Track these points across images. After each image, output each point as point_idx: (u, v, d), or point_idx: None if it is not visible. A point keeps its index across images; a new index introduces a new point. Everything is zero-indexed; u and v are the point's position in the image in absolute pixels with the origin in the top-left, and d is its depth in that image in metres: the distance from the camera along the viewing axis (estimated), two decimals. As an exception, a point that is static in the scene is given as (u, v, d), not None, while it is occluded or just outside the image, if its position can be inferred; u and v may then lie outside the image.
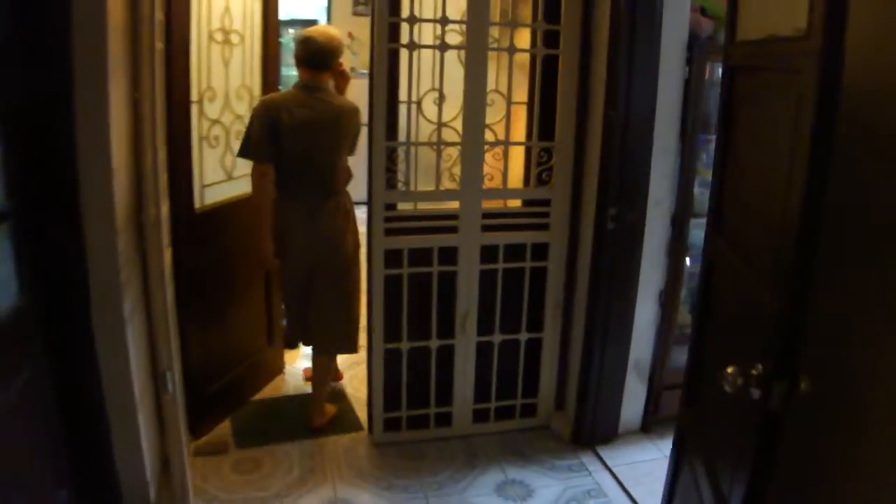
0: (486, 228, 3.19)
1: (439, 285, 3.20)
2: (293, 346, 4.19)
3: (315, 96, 3.19)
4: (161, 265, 2.51)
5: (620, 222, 3.11)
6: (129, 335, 2.42)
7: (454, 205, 3.15)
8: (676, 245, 3.31)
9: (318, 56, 3.19)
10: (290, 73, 3.94)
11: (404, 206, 3.13)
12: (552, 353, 3.46)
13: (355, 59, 8.84)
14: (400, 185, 3.06)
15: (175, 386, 2.61)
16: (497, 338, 3.35)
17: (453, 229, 3.15)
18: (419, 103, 3.00)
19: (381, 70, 2.90)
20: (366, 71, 8.62)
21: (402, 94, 3.01)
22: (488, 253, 3.23)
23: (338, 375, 3.92)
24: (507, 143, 3.16)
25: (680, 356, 3.47)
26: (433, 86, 2.99)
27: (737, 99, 2.12)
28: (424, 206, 3.18)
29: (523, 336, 3.40)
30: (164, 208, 2.60)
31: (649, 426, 3.55)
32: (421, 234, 3.13)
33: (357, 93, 3.74)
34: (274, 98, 3.26)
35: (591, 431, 3.40)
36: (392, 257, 3.10)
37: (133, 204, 2.48)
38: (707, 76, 3.17)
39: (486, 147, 3.10)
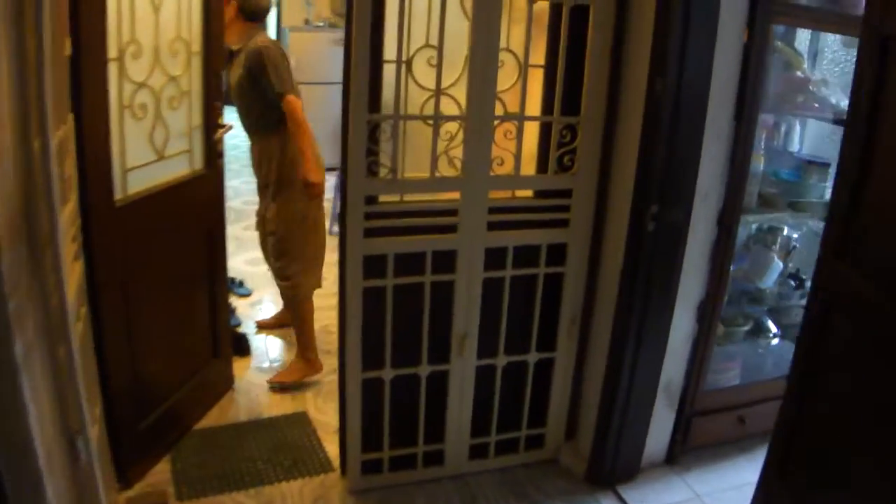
0: (492, 226, 2.52)
1: (433, 298, 2.53)
2: (245, 352, 3.54)
3: None
4: (63, 290, 1.78)
5: (663, 222, 2.48)
6: (25, 385, 1.71)
7: (453, 195, 2.47)
8: (722, 248, 2.69)
9: None
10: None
11: (387, 199, 2.44)
12: (565, 376, 2.84)
13: (310, 10, 8.01)
14: (384, 171, 2.36)
15: (91, 452, 1.91)
16: (501, 360, 2.71)
17: (451, 228, 2.47)
18: (409, 64, 2.29)
19: (362, 19, 2.17)
20: (322, 24, 7.99)
21: (388, 53, 2.29)
22: (494, 257, 2.57)
23: (316, 365, 3.42)
24: (522, 118, 2.48)
25: (715, 376, 2.91)
26: (427, 41, 2.29)
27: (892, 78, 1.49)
28: (413, 199, 2.49)
29: (532, 357, 2.76)
30: (70, 206, 1.88)
31: (675, 457, 2.98)
32: (410, 234, 2.44)
33: (316, 47, 3.23)
34: None
35: (612, 467, 2.81)
36: (373, 265, 2.42)
37: (22, 207, 1.74)
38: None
39: (495, 122, 2.42)
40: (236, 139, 4.03)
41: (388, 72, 2.31)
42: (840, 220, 1.70)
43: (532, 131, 2.58)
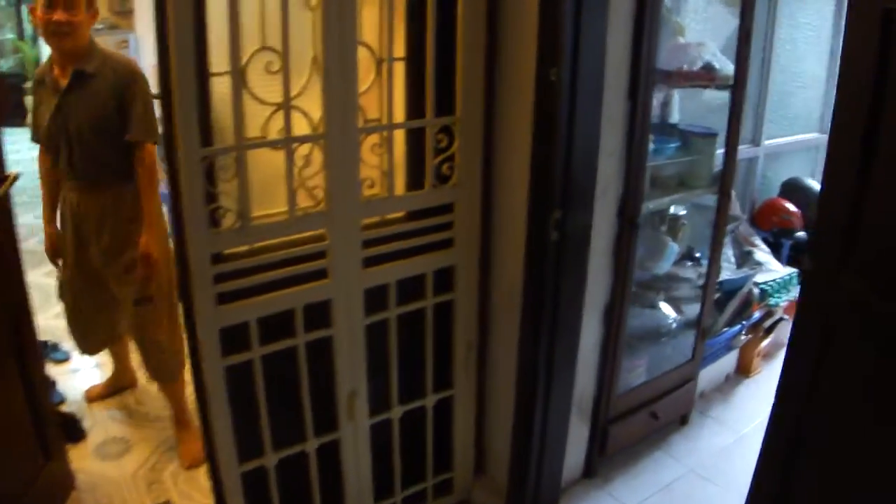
0: (369, 262, 2.06)
1: (310, 360, 2.04)
2: (79, 435, 2.87)
3: None
4: None
5: (567, 229, 2.13)
6: None
7: (318, 232, 1.97)
8: (625, 244, 2.40)
9: None
10: None
11: (238, 251, 1.90)
12: (467, 412, 2.47)
13: None
14: (230, 218, 1.82)
15: None
16: (396, 412, 2.29)
17: (321, 273, 1.99)
18: (242, 73, 1.75)
19: (182, 20, 1.61)
20: (100, 26, 6.83)
21: (216, 62, 1.74)
22: (375, 297, 2.12)
23: None
24: (392, 126, 2.02)
25: (625, 377, 2.65)
26: (263, 42, 1.76)
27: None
28: (271, 243, 1.95)
29: (430, 400, 2.36)
30: None
31: (595, 470, 2.72)
32: (273, 290, 1.92)
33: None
34: None
35: (534, 496, 2.48)
36: (233, 336, 1.89)
37: None
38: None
39: (360, 136, 1.94)
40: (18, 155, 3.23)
41: (217, 87, 1.76)
42: (836, 226, 1.42)
43: (399, 140, 2.12)
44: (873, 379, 1.44)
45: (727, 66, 2.48)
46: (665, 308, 2.90)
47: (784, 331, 3.57)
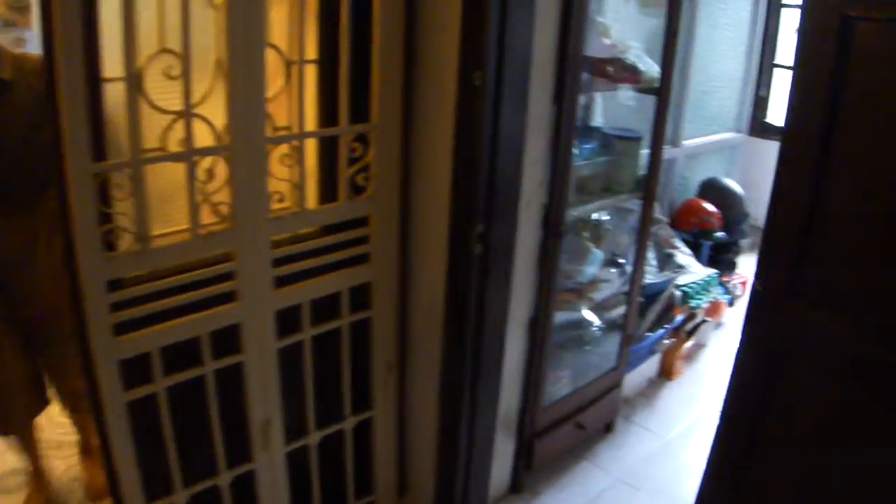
0: (280, 282, 1.92)
1: (220, 389, 1.89)
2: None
3: None
4: None
5: (490, 242, 2.04)
6: None
7: (225, 251, 1.82)
8: (550, 254, 2.32)
9: None
10: None
11: (133, 275, 1.72)
12: (387, 433, 2.36)
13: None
14: (127, 239, 1.65)
15: None
16: (314, 437, 2.15)
17: (229, 296, 1.83)
18: (139, 78, 1.58)
19: (70, 18, 1.43)
20: None
21: (109, 66, 1.56)
22: (288, 319, 1.97)
23: None
24: (303, 136, 1.87)
25: (550, 389, 2.59)
26: (162, 44, 1.59)
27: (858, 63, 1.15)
28: (174, 265, 1.78)
29: (349, 423, 2.23)
30: None
31: (522, 485, 2.65)
32: (177, 316, 1.76)
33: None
34: None
35: (460, 518, 2.40)
36: (134, 368, 1.72)
37: None
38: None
39: (268, 147, 1.80)
40: None
41: (111, 95, 1.59)
42: (789, 250, 1.36)
43: (310, 150, 1.98)
44: (821, 402, 1.39)
45: (652, 68, 2.43)
46: (588, 315, 2.84)
47: (705, 333, 3.60)
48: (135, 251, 1.64)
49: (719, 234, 3.96)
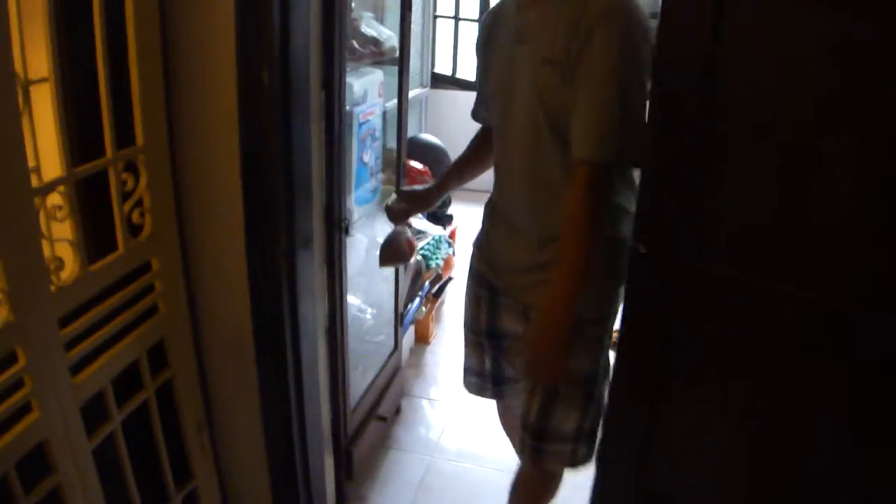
0: (76, 370, 1.50)
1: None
2: None
3: None
4: None
5: (295, 257, 1.82)
6: None
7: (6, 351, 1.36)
8: (338, 252, 2.16)
9: None
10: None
11: None
12: (213, 499, 2.03)
13: None
14: None
15: None
16: (146, 537, 1.76)
17: (24, 409, 1.38)
18: None
19: None
20: None
21: None
22: (93, 410, 1.55)
23: None
24: (73, 177, 1.44)
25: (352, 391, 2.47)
26: None
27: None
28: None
29: (177, 502, 1.86)
30: None
31: (346, 497, 2.49)
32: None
33: None
34: None
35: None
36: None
37: None
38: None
39: (37, 198, 1.36)
40: None
41: None
42: (671, 208, 1.39)
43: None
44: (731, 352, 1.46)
45: (391, 39, 2.33)
46: (361, 304, 2.72)
47: (449, 291, 3.68)
48: None
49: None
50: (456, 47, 5.08)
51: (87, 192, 1.57)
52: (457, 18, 5.05)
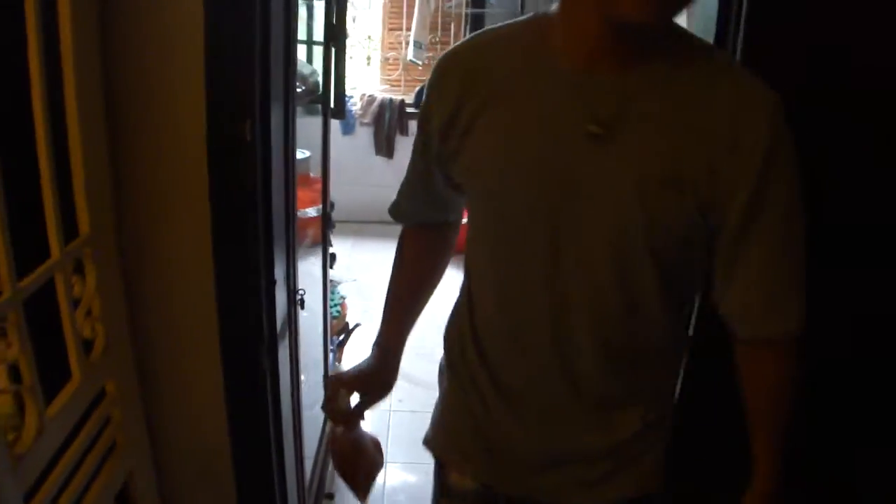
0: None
1: None
2: None
3: None
4: None
5: (277, 350, 1.49)
6: None
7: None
8: (293, 329, 1.81)
9: None
10: None
11: None
12: None
13: None
14: None
15: None
16: None
17: None
18: None
19: None
20: None
21: None
22: None
23: None
24: (17, 298, 1.01)
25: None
26: None
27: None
28: None
29: None
30: None
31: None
32: None
33: None
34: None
35: None
36: None
37: None
38: None
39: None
40: None
41: None
42: None
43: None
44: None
45: (314, 73, 2.01)
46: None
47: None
48: None
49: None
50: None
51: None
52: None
